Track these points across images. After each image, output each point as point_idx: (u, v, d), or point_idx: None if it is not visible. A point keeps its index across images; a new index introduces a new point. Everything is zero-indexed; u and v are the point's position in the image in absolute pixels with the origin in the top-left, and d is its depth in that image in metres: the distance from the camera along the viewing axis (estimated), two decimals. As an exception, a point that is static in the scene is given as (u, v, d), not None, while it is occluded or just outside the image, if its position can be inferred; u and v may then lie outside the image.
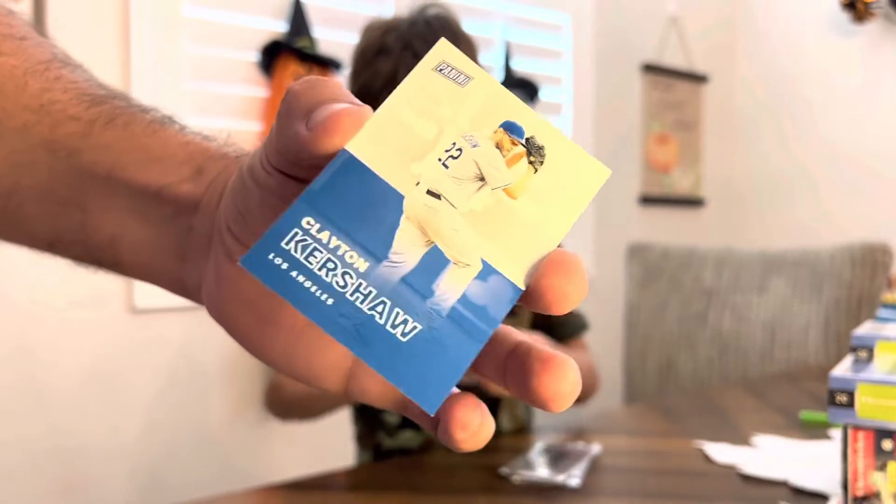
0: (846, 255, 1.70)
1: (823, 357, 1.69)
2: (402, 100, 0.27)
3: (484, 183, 0.26)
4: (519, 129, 0.27)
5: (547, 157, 0.27)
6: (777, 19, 3.26)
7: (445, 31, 1.06)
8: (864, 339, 0.71)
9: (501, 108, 0.27)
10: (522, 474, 0.86)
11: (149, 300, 1.82)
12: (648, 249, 2.02)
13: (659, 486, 0.85)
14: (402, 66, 1.01)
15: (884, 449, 0.63)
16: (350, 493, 0.83)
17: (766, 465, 0.90)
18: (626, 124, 2.95)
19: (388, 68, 1.01)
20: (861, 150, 3.02)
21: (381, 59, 1.02)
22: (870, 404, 0.63)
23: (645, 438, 1.05)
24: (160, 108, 0.41)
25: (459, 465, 0.92)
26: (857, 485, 0.64)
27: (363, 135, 0.26)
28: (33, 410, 1.71)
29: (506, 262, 0.25)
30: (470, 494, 0.82)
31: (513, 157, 0.27)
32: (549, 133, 0.28)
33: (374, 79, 1.02)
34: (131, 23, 1.80)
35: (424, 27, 1.05)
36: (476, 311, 0.25)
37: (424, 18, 1.06)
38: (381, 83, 1.01)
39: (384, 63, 1.02)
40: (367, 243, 0.25)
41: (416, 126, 0.27)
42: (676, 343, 1.90)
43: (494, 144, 0.27)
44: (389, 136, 0.26)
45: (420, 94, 0.27)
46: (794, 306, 1.75)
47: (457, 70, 0.28)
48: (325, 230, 0.25)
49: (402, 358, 0.24)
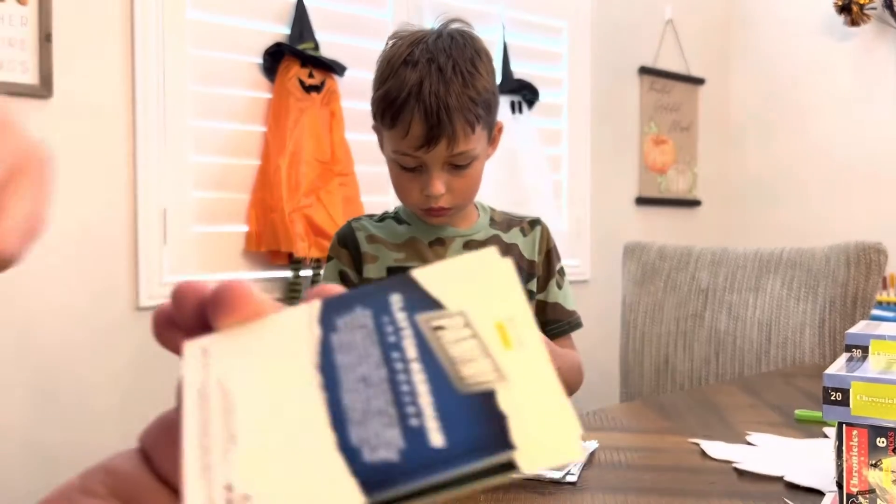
0: (841, 255, 1.71)
1: (818, 356, 1.71)
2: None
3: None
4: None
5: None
6: (772, 23, 3.27)
7: (468, 47, 1.10)
8: (859, 337, 0.72)
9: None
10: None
11: (154, 298, 1.84)
12: (645, 249, 2.04)
13: (655, 482, 0.85)
14: (426, 78, 1.05)
15: (878, 446, 0.64)
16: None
17: (762, 461, 0.90)
18: (623, 126, 2.97)
19: (414, 79, 1.05)
20: (855, 151, 3.04)
21: (407, 69, 1.06)
22: (864, 402, 0.64)
23: (641, 435, 1.05)
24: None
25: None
26: (851, 481, 0.65)
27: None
28: (40, 408, 1.72)
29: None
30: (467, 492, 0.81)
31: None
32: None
33: (399, 88, 1.06)
34: (136, 26, 1.80)
35: (449, 42, 1.09)
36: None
37: (448, 33, 1.11)
38: (407, 92, 1.05)
39: (410, 74, 1.06)
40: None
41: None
42: (673, 342, 1.92)
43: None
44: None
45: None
46: (790, 306, 1.77)
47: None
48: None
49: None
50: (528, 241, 1.23)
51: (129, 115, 1.81)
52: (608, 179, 2.91)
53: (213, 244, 1.95)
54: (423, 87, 1.04)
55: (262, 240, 1.96)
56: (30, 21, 1.67)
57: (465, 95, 1.06)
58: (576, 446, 0.23)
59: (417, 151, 1.06)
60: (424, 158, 1.07)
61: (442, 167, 1.08)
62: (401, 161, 1.10)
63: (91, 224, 1.77)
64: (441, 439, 0.24)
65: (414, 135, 1.05)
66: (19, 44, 1.66)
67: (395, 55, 1.09)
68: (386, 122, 1.09)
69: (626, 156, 2.98)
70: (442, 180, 1.08)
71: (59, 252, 1.73)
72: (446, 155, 1.07)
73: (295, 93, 1.96)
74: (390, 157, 1.12)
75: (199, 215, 1.92)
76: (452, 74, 1.06)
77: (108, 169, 1.79)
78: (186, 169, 1.89)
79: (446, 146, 1.06)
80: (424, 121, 1.04)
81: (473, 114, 1.07)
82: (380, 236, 1.17)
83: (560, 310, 1.25)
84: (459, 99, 1.05)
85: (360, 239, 1.17)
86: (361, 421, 0.25)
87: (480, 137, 1.11)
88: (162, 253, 1.85)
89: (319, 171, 1.99)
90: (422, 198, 1.10)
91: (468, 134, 1.07)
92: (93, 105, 1.77)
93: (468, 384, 0.25)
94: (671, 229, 3.11)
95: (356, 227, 1.19)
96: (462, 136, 1.06)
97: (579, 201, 2.80)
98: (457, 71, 1.07)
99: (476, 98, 1.07)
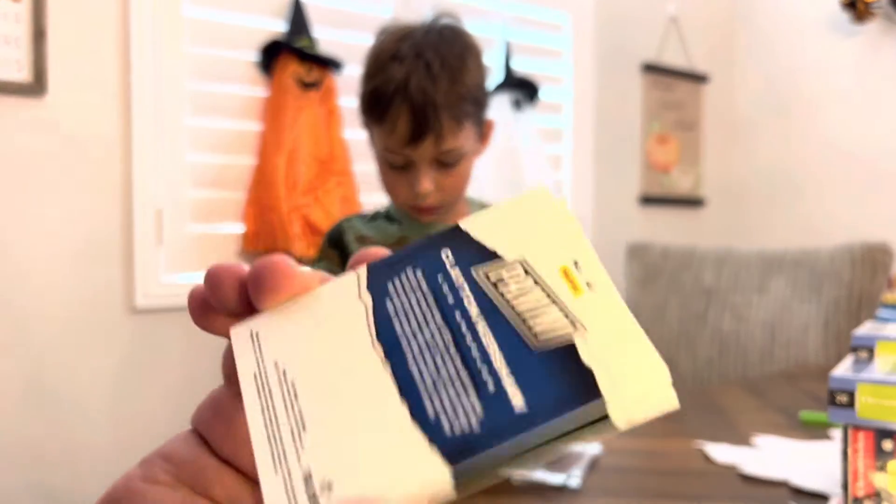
0: (846, 255, 1.70)
1: (823, 357, 1.69)
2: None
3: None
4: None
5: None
6: (777, 19, 3.26)
7: (457, 42, 1.09)
8: (865, 339, 0.71)
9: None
10: (522, 475, 0.86)
11: (149, 298, 1.83)
12: (648, 249, 2.03)
13: (659, 487, 0.85)
14: (413, 73, 1.04)
15: (884, 449, 0.64)
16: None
17: (766, 465, 0.90)
18: (626, 124, 2.95)
19: (401, 75, 1.04)
20: (861, 149, 3.02)
21: (394, 65, 1.06)
22: (870, 404, 0.64)
23: (645, 438, 1.05)
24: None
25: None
26: (857, 485, 0.65)
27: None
28: (35, 410, 1.71)
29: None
30: (470, 495, 0.81)
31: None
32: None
33: (386, 83, 1.05)
34: (131, 23, 1.79)
35: (437, 37, 1.09)
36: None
37: (438, 28, 1.10)
38: (394, 88, 1.04)
39: (397, 69, 1.05)
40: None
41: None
42: (676, 342, 1.90)
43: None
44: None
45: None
46: (794, 306, 1.75)
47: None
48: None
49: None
50: None
51: (124, 113, 1.80)
52: (611, 178, 2.89)
53: (210, 244, 1.94)
54: (410, 83, 1.03)
55: (260, 239, 1.95)
56: (23, 18, 1.66)
57: (452, 92, 1.04)
58: (669, 393, 0.22)
59: (405, 149, 1.05)
60: (412, 155, 1.06)
61: (430, 164, 1.07)
62: (389, 158, 1.08)
63: (85, 223, 1.76)
64: (522, 402, 0.22)
65: (401, 131, 1.04)
66: (13, 41, 1.65)
67: (383, 50, 1.08)
68: (373, 119, 1.08)
69: (629, 154, 2.96)
70: (430, 178, 1.07)
71: (53, 252, 1.72)
72: (434, 152, 1.05)
73: (292, 90, 1.95)
74: (379, 153, 1.11)
75: (195, 214, 1.91)
76: (440, 70, 1.04)
77: (102, 167, 1.78)
78: (182, 167, 1.88)
79: (434, 143, 1.04)
80: (411, 117, 1.03)
81: (461, 110, 1.06)
82: (370, 236, 1.16)
83: None
84: (447, 95, 1.04)
85: (348, 240, 1.17)
86: (433, 390, 0.24)
87: (469, 134, 1.10)
88: (157, 252, 1.84)
89: (317, 169, 1.98)
90: (410, 195, 1.09)
91: (456, 131, 1.06)
92: (87, 103, 1.76)
93: (543, 339, 0.24)
94: (675, 228, 3.09)
95: (346, 227, 1.18)
96: (449, 133, 1.05)
97: (581, 200, 2.78)
98: (445, 67, 1.05)
99: (464, 94, 1.06)
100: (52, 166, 1.72)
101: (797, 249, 1.82)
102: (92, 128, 1.76)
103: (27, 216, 1.69)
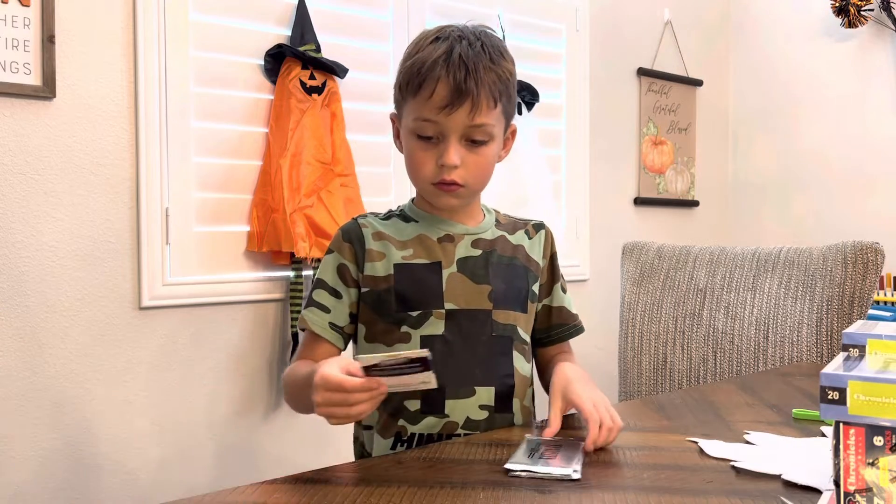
0: (838, 254, 1.72)
1: (815, 355, 1.71)
2: None
3: None
4: None
5: None
6: (770, 25, 3.29)
7: (495, 38, 1.12)
8: (856, 337, 0.72)
9: None
10: (522, 467, 0.87)
11: (156, 299, 1.85)
12: (643, 249, 2.05)
13: (654, 481, 0.85)
14: (456, 46, 1.07)
15: (875, 444, 0.64)
16: (354, 487, 0.83)
17: (759, 460, 0.91)
18: (621, 127, 2.98)
19: (444, 48, 1.07)
20: (852, 152, 3.05)
21: (437, 43, 1.09)
22: (861, 401, 0.64)
23: (640, 434, 1.06)
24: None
25: (466, 458, 0.93)
26: (849, 480, 0.66)
27: None
28: (42, 407, 1.73)
29: None
30: (470, 488, 0.82)
31: None
32: None
33: (429, 55, 1.07)
34: (138, 27, 1.81)
35: (477, 30, 1.13)
36: None
37: (472, 30, 1.13)
38: (436, 57, 1.06)
39: (441, 45, 1.08)
40: None
41: None
42: (671, 341, 1.92)
43: None
44: None
45: None
46: (787, 305, 1.77)
47: None
48: None
49: None
50: (533, 244, 1.23)
51: (132, 117, 1.82)
52: (607, 180, 2.92)
53: (215, 244, 1.96)
54: (453, 52, 1.06)
55: (264, 240, 1.97)
56: (33, 23, 1.67)
57: (492, 70, 1.07)
58: None
59: (439, 115, 1.06)
60: (445, 125, 1.06)
61: (459, 139, 1.08)
62: (420, 129, 1.08)
63: (93, 225, 1.77)
64: None
65: (439, 95, 1.05)
66: (22, 45, 1.66)
67: (424, 37, 1.11)
68: (412, 90, 1.08)
69: (625, 157, 2.99)
70: (458, 152, 1.08)
71: (62, 252, 1.73)
72: (467, 122, 1.06)
73: (296, 94, 1.97)
74: (409, 128, 1.10)
75: (201, 216, 1.93)
76: (481, 49, 1.08)
77: (110, 170, 1.80)
78: (188, 170, 1.90)
79: (468, 113, 1.05)
80: (452, 83, 1.04)
81: (497, 90, 1.08)
82: (386, 233, 1.16)
83: (566, 313, 1.26)
84: (487, 71, 1.07)
85: (366, 235, 1.15)
86: None
87: (499, 120, 1.11)
88: (164, 253, 1.86)
89: (320, 171, 1.99)
90: (436, 169, 1.09)
91: (490, 107, 1.07)
92: (95, 106, 1.77)
93: None
94: (669, 229, 3.12)
95: (363, 223, 1.17)
96: (485, 104, 1.06)
97: (578, 202, 2.81)
98: (485, 49, 1.08)
99: (502, 76, 1.09)
100: (61, 169, 1.73)
101: (790, 249, 1.84)
102: (100, 131, 1.78)
103: (37, 217, 1.70)
